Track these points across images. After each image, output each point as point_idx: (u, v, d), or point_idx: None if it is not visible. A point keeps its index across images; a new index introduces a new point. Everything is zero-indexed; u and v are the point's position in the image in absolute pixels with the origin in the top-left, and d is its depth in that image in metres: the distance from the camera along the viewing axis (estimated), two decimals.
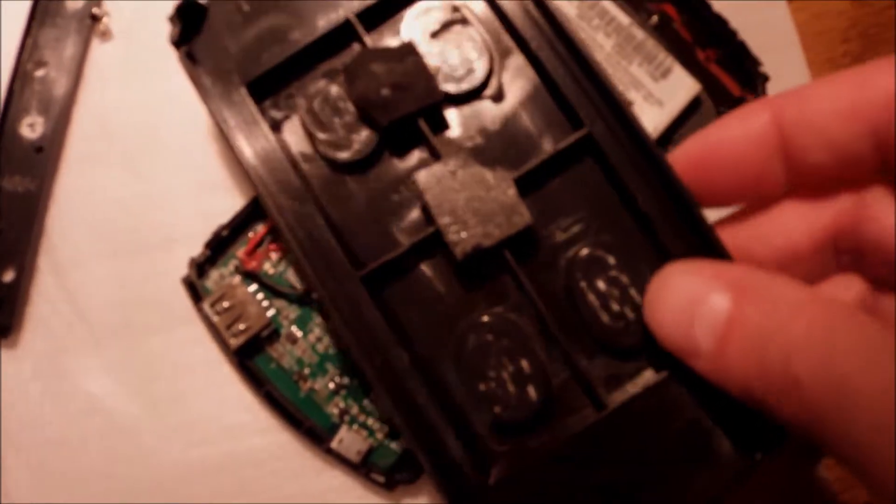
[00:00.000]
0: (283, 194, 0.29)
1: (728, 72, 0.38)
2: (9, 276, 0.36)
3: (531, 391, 0.28)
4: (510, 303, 0.29)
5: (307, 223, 0.28)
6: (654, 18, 0.38)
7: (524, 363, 0.28)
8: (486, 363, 0.28)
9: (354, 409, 0.35)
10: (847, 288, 0.28)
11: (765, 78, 0.38)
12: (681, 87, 0.36)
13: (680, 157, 0.28)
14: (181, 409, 0.36)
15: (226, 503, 0.36)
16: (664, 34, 0.38)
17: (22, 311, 0.37)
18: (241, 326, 0.34)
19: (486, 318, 0.29)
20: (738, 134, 0.28)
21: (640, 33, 0.37)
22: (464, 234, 0.27)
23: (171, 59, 0.37)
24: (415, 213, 0.29)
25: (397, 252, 0.28)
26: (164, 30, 0.38)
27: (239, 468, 0.36)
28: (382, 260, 0.28)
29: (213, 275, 0.36)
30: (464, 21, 0.30)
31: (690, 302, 0.25)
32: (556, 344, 0.28)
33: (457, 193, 0.28)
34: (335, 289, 0.28)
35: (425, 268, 0.29)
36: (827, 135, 0.26)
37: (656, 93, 0.36)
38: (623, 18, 0.37)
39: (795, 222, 0.28)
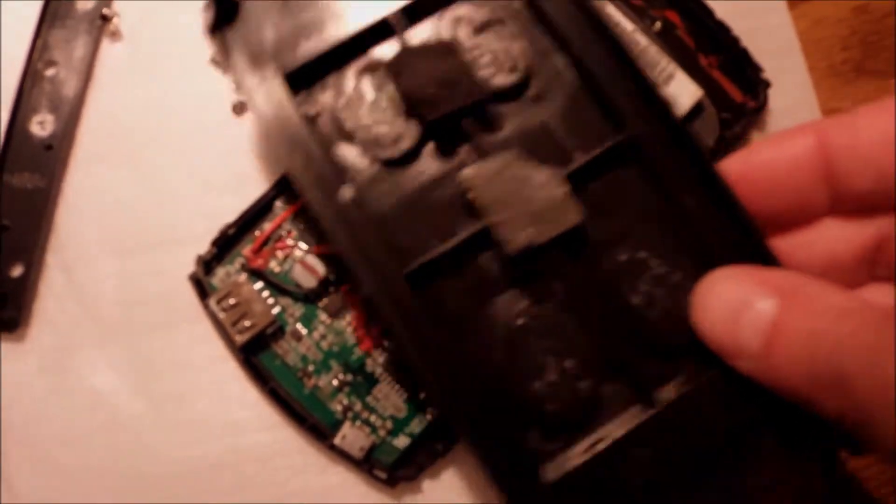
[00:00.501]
0: (321, 190, 0.28)
1: (730, 78, 0.39)
2: (17, 271, 0.37)
3: (579, 389, 0.28)
4: (556, 301, 0.29)
5: (348, 219, 0.28)
6: (658, 25, 0.39)
7: (571, 362, 0.28)
8: (533, 362, 0.28)
9: (358, 406, 0.35)
10: (883, 296, 0.29)
11: (766, 84, 0.38)
12: (683, 92, 0.37)
13: (723, 174, 0.28)
14: (185, 405, 0.36)
15: (228, 500, 0.36)
16: (667, 40, 0.39)
17: (29, 306, 0.37)
18: (247, 323, 0.35)
19: (532, 316, 0.29)
20: (783, 156, 0.28)
21: (643, 39, 0.37)
22: (515, 232, 0.27)
23: (179, 60, 0.39)
24: (459, 210, 0.29)
25: (442, 249, 0.28)
26: (174, 30, 0.39)
27: (242, 464, 0.36)
28: (427, 257, 0.28)
29: (220, 272, 0.36)
30: (504, 20, 0.31)
31: (737, 306, 0.26)
32: (603, 342, 0.29)
33: (504, 190, 0.28)
34: (379, 286, 0.28)
35: (470, 265, 0.29)
36: (874, 163, 0.27)
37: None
38: (627, 24, 0.37)
39: (837, 235, 0.29)
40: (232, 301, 0.35)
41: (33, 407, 0.36)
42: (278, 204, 0.36)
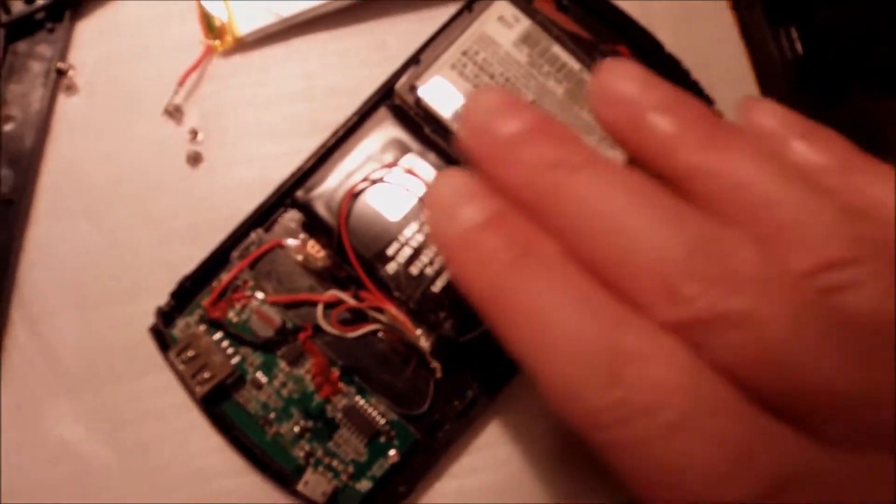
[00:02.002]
0: None
1: None
2: None
3: None
4: None
5: None
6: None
7: None
8: None
9: (319, 452, 0.36)
10: None
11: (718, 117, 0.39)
12: None
13: None
14: (151, 453, 0.37)
15: None
16: None
17: None
18: (207, 375, 0.35)
19: None
20: None
21: (590, 78, 0.37)
22: None
23: (135, 112, 0.39)
24: None
25: None
26: (129, 83, 0.39)
27: None
28: None
29: (180, 324, 0.36)
30: None
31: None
32: None
33: None
34: None
35: None
36: None
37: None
38: (574, 64, 0.37)
39: None
40: (191, 353, 0.35)
41: (2, 460, 0.37)
42: (234, 254, 0.37)
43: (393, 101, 0.37)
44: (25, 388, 0.37)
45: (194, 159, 0.39)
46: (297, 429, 0.36)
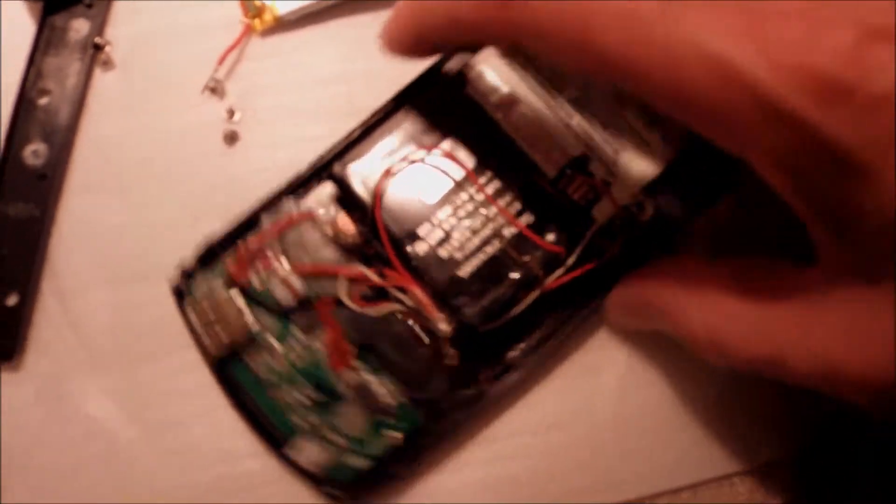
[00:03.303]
0: None
1: None
2: (12, 300, 0.37)
3: None
4: None
5: None
6: None
7: None
8: None
9: (322, 424, 0.35)
10: None
11: None
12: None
13: None
14: (178, 433, 0.37)
15: None
16: None
17: (25, 334, 0.37)
18: (221, 334, 0.35)
19: None
20: None
21: None
22: None
23: (172, 89, 0.39)
24: None
25: None
26: (166, 59, 0.39)
27: (233, 492, 0.36)
28: None
29: (202, 285, 0.36)
30: None
31: None
32: None
33: None
34: None
35: None
36: None
37: (652, 142, 0.36)
38: None
39: None
40: (210, 313, 0.35)
41: (31, 435, 0.37)
42: (265, 218, 0.36)
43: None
44: (55, 363, 0.37)
45: (231, 138, 0.38)
46: (303, 398, 0.35)
